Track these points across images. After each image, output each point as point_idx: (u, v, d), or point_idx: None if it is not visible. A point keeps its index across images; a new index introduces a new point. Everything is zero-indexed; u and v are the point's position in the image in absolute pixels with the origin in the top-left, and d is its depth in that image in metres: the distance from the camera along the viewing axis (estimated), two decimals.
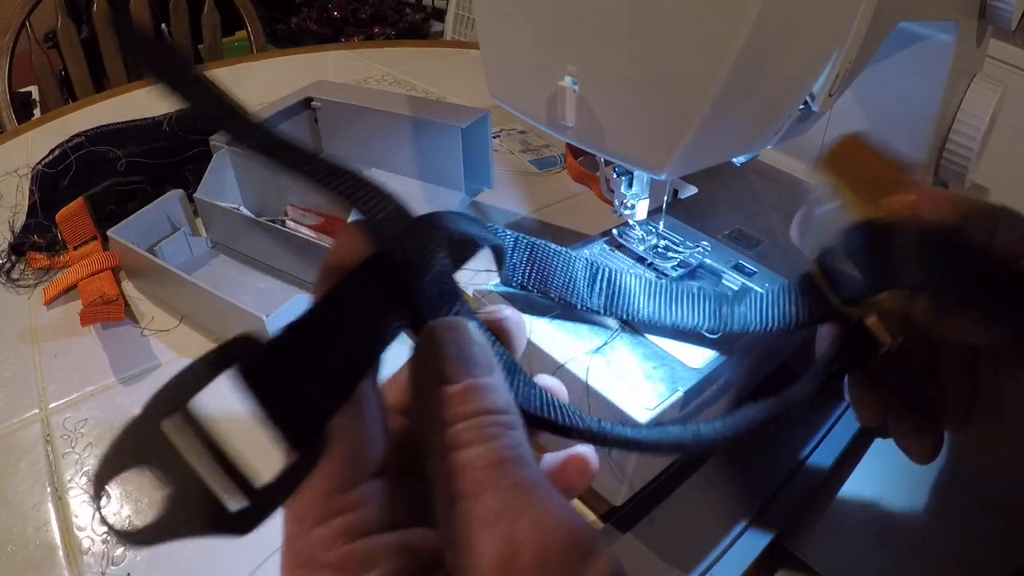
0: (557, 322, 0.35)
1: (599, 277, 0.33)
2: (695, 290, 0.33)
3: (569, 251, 0.32)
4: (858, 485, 0.38)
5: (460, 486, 0.16)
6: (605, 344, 0.34)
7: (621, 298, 0.33)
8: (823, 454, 0.40)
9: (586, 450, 0.21)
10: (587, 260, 0.33)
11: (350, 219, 0.21)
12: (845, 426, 0.42)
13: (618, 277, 0.33)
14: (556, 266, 0.32)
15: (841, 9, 0.26)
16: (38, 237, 0.55)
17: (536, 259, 0.31)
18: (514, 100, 0.33)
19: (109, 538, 0.35)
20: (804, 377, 0.26)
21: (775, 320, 0.29)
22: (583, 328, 0.35)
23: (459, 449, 0.16)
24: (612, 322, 0.35)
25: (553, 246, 0.31)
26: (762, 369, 0.40)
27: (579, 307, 0.33)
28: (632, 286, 0.33)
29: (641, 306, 0.33)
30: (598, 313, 0.33)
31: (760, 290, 0.33)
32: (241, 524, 0.14)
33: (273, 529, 0.38)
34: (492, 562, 0.15)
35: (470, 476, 0.16)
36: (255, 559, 0.34)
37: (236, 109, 0.19)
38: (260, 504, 0.15)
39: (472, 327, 0.18)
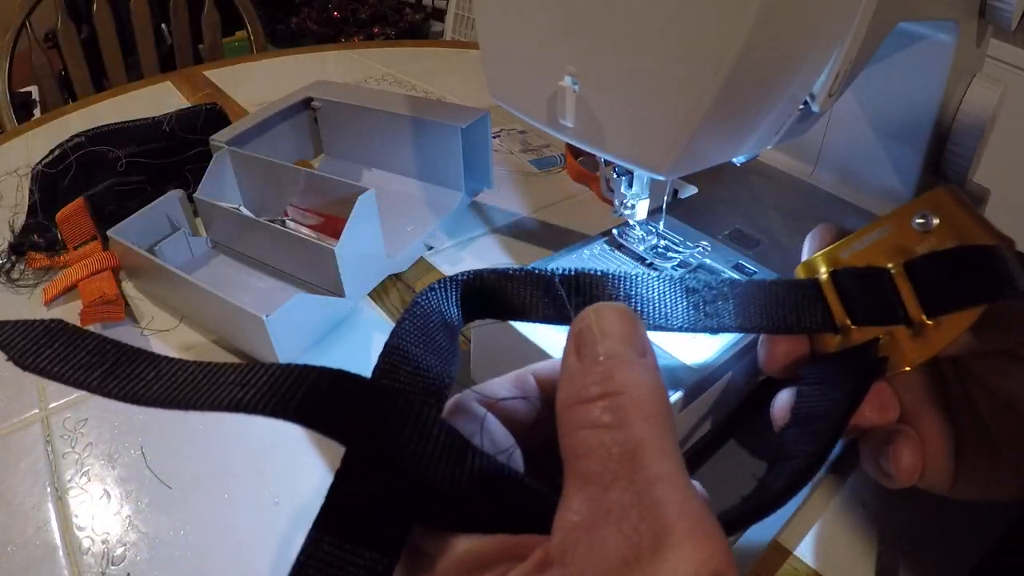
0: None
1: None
2: (670, 286, 0.27)
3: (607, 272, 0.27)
4: (858, 485, 0.38)
5: (591, 469, 0.15)
6: None
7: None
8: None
9: None
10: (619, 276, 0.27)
11: None
12: None
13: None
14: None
15: (841, 9, 0.26)
16: (38, 237, 0.55)
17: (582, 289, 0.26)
18: (514, 100, 0.33)
19: (109, 538, 0.35)
20: (825, 409, 0.26)
21: (761, 324, 0.27)
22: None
23: (596, 429, 0.15)
24: None
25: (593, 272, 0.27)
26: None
27: None
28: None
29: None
30: None
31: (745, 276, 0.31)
32: None
33: (270, 531, 0.38)
34: (613, 562, 0.14)
35: (603, 462, 0.15)
36: (254, 560, 0.34)
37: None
38: None
39: (632, 310, 0.18)
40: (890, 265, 0.27)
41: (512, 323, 0.35)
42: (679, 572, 0.13)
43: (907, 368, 0.26)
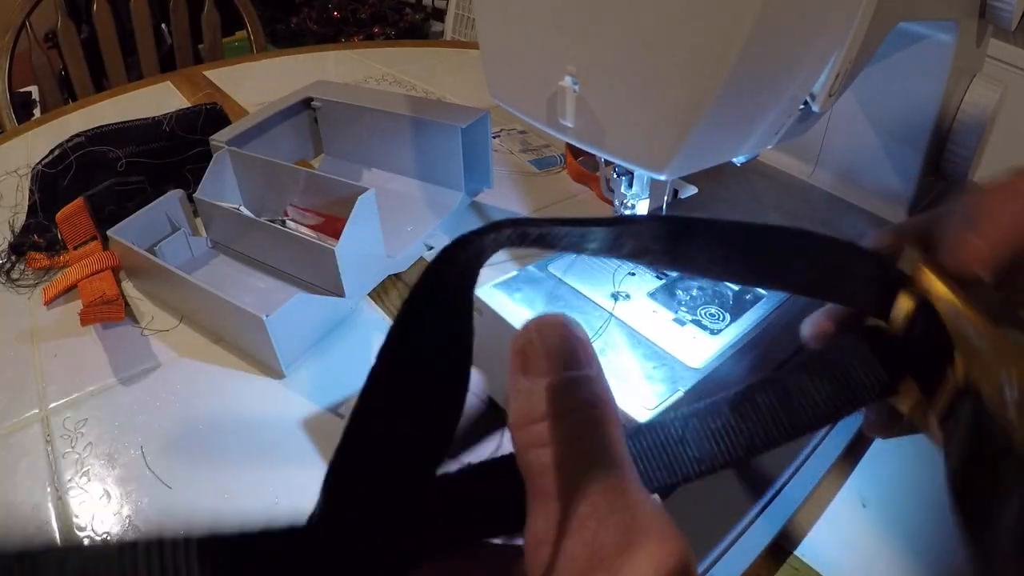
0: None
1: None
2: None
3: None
4: (858, 485, 0.38)
5: (548, 486, 0.16)
6: (597, 335, 0.34)
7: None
8: (823, 454, 0.40)
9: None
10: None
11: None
12: (845, 426, 0.42)
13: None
14: None
15: (841, 9, 0.26)
16: (38, 237, 0.55)
17: None
18: (514, 100, 0.33)
19: (109, 538, 0.35)
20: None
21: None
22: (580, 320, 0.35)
23: (548, 447, 0.16)
24: (606, 310, 0.35)
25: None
26: (763, 369, 0.40)
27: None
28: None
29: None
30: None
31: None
32: None
33: None
34: (578, 568, 0.15)
35: (558, 476, 0.16)
36: None
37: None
38: None
39: (573, 322, 0.18)
40: (959, 369, 0.20)
41: (513, 324, 0.35)
42: (643, 571, 0.14)
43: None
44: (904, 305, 0.21)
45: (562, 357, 0.17)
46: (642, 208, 0.40)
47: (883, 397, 0.22)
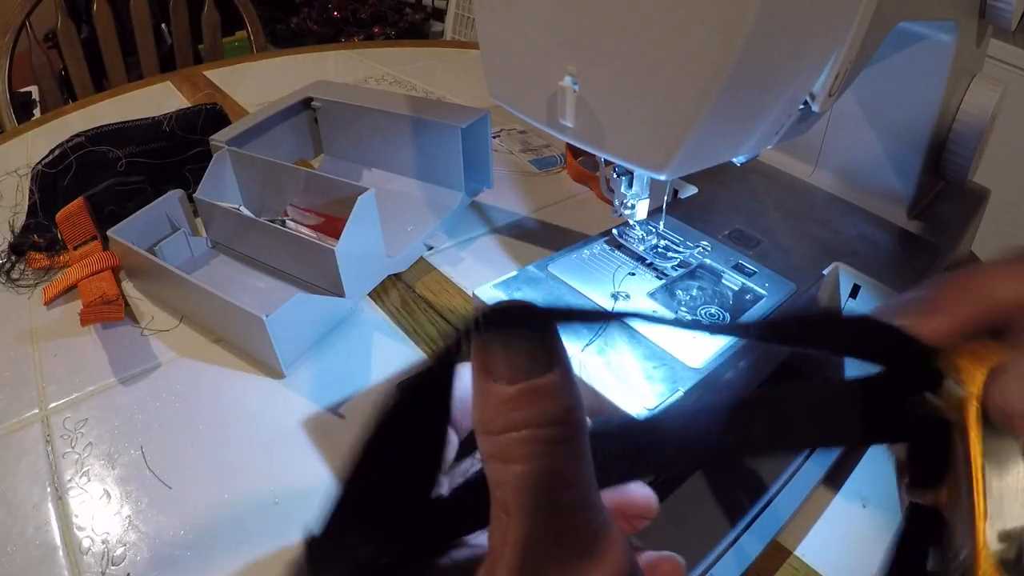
0: None
1: None
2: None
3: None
4: (858, 485, 0.38)
5: (503, 499, 0.16)
6: (596, 336, 0.34)
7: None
8: (822, 455, 0.40)
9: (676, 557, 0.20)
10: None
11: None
12: None
13: None
14: None
15: (841, 9, 0.26)
16: (38, 237, 0.55)
17: None
18: (514, 100, 0.33)
19: (108, 538, 0.35)
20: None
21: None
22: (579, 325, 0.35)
23: (506, 463, 0.16)
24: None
25: None
26: (763, 369, 0.40)
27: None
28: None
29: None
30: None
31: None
32: None
33: (270, 531, 0.37)
34: None
35: (511, 493, 0.15)
36: (254, 560, 0.34)
37: None
38: None
39: (532, 308, 0.16)
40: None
41: None
42: None
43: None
44: (926, 406, 0.20)
45: (523, 358, 0.16)
46: (642, 208, 0.40)
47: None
